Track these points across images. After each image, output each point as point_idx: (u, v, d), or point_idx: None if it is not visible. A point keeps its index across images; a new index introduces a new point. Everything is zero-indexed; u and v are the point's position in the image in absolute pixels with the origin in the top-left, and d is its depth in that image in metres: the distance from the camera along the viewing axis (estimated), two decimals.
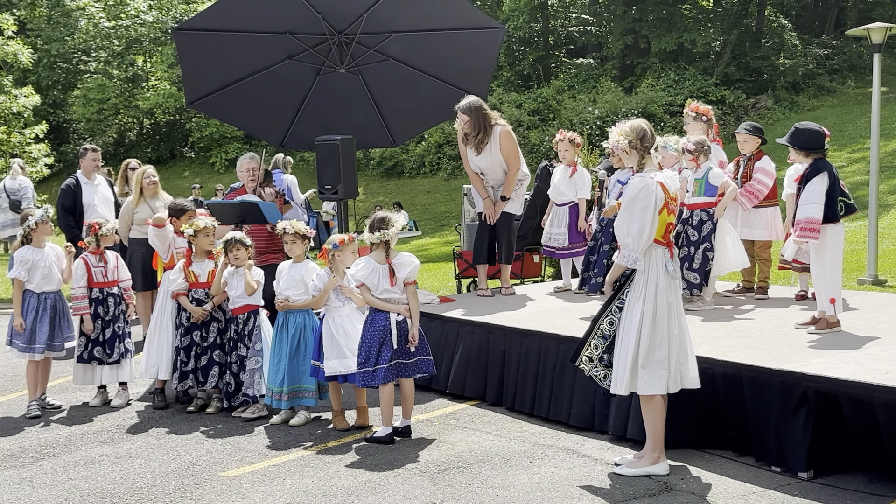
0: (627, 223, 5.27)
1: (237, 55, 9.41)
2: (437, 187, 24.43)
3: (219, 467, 5.87)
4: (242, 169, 9.12)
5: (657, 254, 5.32)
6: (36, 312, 7.24)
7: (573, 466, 5.62)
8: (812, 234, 6.41)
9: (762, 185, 7.88)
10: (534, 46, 29.33)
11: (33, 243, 7.31)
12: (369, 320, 6.24)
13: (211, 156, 29.97)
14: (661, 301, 5.28)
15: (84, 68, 33.33)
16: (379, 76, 9.94)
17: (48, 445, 6.49)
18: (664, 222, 5.30)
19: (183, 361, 7.23)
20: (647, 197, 5.23)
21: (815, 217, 6.40)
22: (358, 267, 6.24)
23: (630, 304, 5.33)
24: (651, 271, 5.30)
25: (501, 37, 9.54)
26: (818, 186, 6.44)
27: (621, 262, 5.34)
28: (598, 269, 7.38)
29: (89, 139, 32.65)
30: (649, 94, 23.54)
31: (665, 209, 5.29)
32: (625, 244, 5.30)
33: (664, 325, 5.27)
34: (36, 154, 24.52)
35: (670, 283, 5.34)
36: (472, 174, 8.44)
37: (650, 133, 5.39)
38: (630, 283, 5.35)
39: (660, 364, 5.26)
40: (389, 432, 6.24)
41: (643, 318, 5.26)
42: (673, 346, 5.30)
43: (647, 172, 5.35)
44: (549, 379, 6.66)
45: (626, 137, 5.38)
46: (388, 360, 6.13)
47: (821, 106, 23.93)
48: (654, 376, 5.26)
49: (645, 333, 5.25)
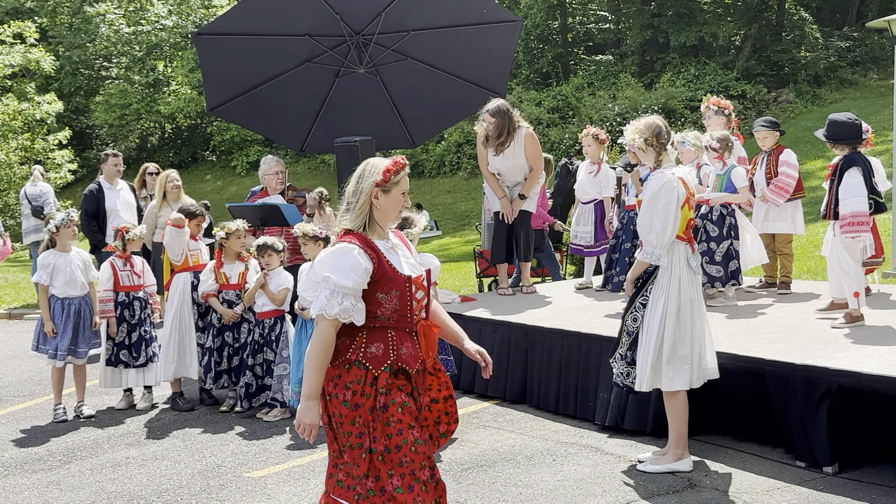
0: (650, 220, 5.25)
1: (256, 60, 9.46)
2: (457, 187, 24.44)
3: (244, 468, 5.91)
4: (270, 172, 9.14)
5: (679, 249, 5.30)
6: (61, 318, 7.29)
7: (596, 464, 5.61)
8: (862, 227, 6.33)
9: (790, 178, 7.82)
10: (552, 44, 29.25)
11: (57, 247, 7.36)
12: None
13: (232, 159, 30.08)
14: (684, 297, 5.26)
15: (105, 74, 33.55)
16: (397, 76, 9.96)
17: (75, 448, 6.56)
18: (685, 218, 5.28)
19: (216, 362, 7.29)
20: (668, 193, 5.21)
21: (862, 210, 6.31)
22: None
23: (654, 300, 5.31)
24: (674, 267, 5.29)
25: (519, 30, 9.50)
26: (856, 179, 6.35)
27: (644, 259, 5.32)
28: (621, 268, 7.35)
29: (112, 144, 32.86)
30: (669, 90, 23.39)
31: (686, 204, 5.27)
32: (647, 241, 5.28)
33: (688, 321, 5.26)
34: (59, 160, 24.70)
35: (692, 278, 5.32)
36: (488, 175, 8.43)
37: (665, 129, 5.37)
38: (653, 280, 5.33)
39: (683, 360, 5.25)
40: None
41: (666, 315, 5.25)
42: (696, 341, 5.29)
43: (667, 168, 5.33)
44: (574, 377, 6.66)
45: (641, 135, 5.37)
46: None
47: (843, 98, 23.72)
48: (677, 372, 5.25)
49: (669, 329, 5.24)
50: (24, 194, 13.44)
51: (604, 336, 6.54)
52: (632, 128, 5.44)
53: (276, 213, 8.45)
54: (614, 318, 7.22)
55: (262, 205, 8.66)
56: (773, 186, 7.81)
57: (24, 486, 5.80)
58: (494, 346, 7.30)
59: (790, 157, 7.90)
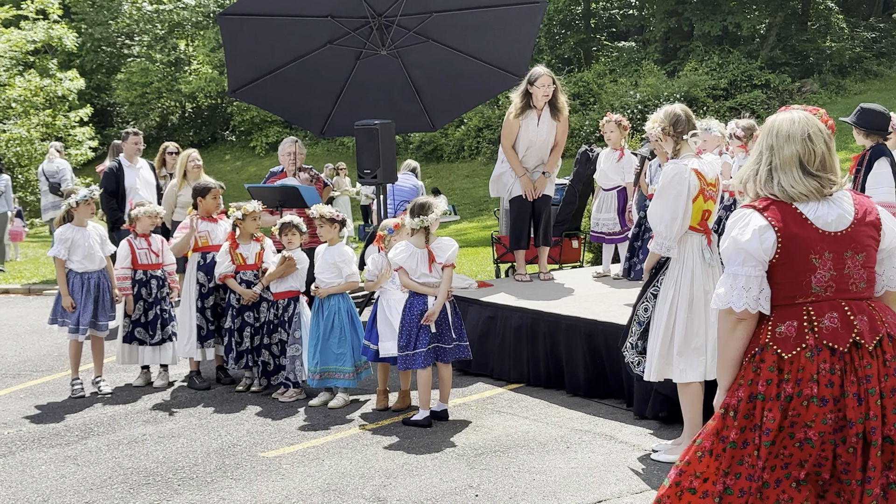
0: (660, 211, 5.22)
1: (279, 41, 9.45)
2: (476, 171, 24.39)
3: (259, 448, 5.95)
4: (283, 153, 9.18)
5: (693, 241, 5.27)
6: (82, 293, 7.33)
7: (610, 452, 5.61)
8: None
9: None
10: (574, 29, 29.12)
11: (74, 222, 7.37)
12: (408, 304, 6.28)
13: (252, 139, 30.17)
14: (697, 288, 5.23)
15: (127, 52, 33.67)
16: (418, 59, 9.92)
17: (92, 424, 6.61)
18: (699, 209, 5.23)
19: (237, 342, 7.32)
20: (679, 184, 5.17)
21: (890, 200, 6.22)
22: (398, 250, 6.29)
23: (664, 291, 5.29)
24: (686, 259, 5.25)
25: (543, 12, 9.42)
26: (885, 169, 6.29)
27: (655, 250, 5.30)
28: (644, 256, 7.28)
29: (132, 122, 32.99)
30: (692, 78, 23.25)
31: (700, 196, 5.22)
32: (657, 232, 5.25)
33: (701, 313, 5.23)
34: (80, 137, 24.83)
35: (707, 270, 5.28)
36: (511, 153, 8.34)
37: (685, 118, 5.30)
38: (665, 271, 5.31)
39: (697, 351, 5.23)
40: (427, 416, 6.28)
41: (677, 306, 5.22)
42: (711, 333, 5.25)
43: (683, 159, 5.28)
44: (589, 364, 6.65)
45: (659, 124, 5.32)
46: (426, 343, 6.17)
47: (868, 90, 23.53)
48: (690, 364, 5.23)
49: (680, 321, 5.21)
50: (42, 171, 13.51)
51: (621, 325, 6.52)
52: (653, 117, 5.41)
53: (294, 195, 8.46)
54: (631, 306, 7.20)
55: (281, 186, 8.68)
56: None
57: (40, 460, 5.86)
58: (511, 331, 7.29)
59: None
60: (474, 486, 5.14)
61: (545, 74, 8.09)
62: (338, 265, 6.86)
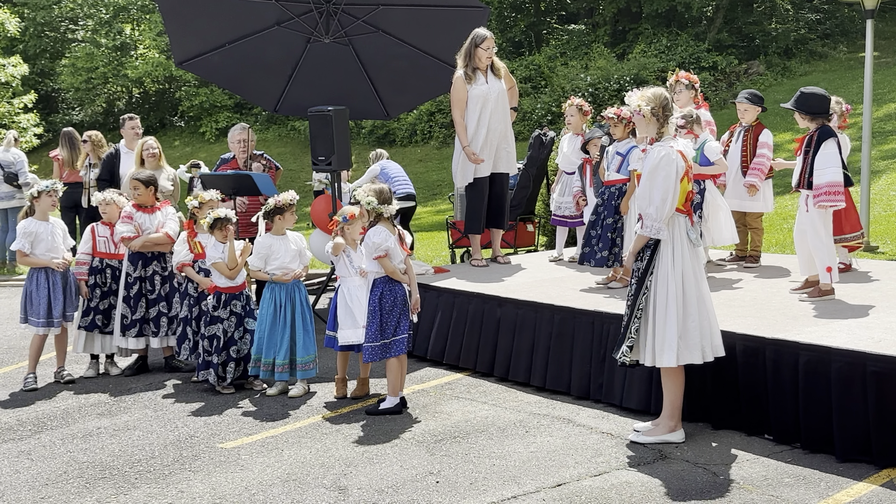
0: (650, 193, 5.23)
1: (225, 18, 9.35)
2: (429, 156, 24.35)
3: (217, 439, 5.91)
4: (233, 140, 9.10)
5: (679, 223, 5.30)
6: (48, 287, 7.26)
7: (569, 435, 5.67)
8: (837, 197, 6.37)
9: (767, 160, 7.90)
10: (525, 13, 29.10)
11: (37, 215, 7.33)
12: (387, 292, 6.19)
13: (201, 125, 29.71)
14: (687, 269, 5.27)
15: (72, 37, 32.96)
16: (370, 48, 9.90)
17: (46, 418, 6.52)
18: (684, 190, 5.27)
19: (194, 332, 7.24)
20: (668, 166, 5.20)
21: (837, 180, 6.36)
22: (382, 236, 6.15)
23: (661, 275, 5.28)
24: (676, 240, 5.29)
25: (486, 17, 9.55)
26: (832, 150, 6.41)
27: (644, 233, 5.29)
28: (603, 244, 7.29)
29: (78, 108, 32.38)
30: (641, 61, 23.37)
31: (685, 177, 5.27)
32: (647, 214, 5.25)
33: (693, 294, 5.27)
34: (25, 124, 24.31)
35: (693, 250, 5.33)
36: (460, 121, 8.34)
37: (671, 102, 5.35)
38: (657, 256, 5.33)
39: (693, 333, 5.26)
40: (398, 402, 6.27)
41: (674, 290, 5.23)
42: (703, 314, 5.29)
43: (666, 141, 5.32)
44: (545, 348, 6.70)
45: (648, 103, 5.29)
46: (405, 330, 6.17)
47: (813, 71, 23.85)
48: (688, 346, 5.27)
49: (678, 304, 5.23)
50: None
51: (577, 308, 6.58)
52: (638, 95, 5.36)
53: (248, 183, 8.39)
54: (588, 291, 7.27)
55: (235, 174, 8.60)
56: (753, 167, 7.86)
57: None
58: (468, 317, 7.32)
59: (769, 139, 7.98)
60: (435, 472, 5.17)
61: (489, 37, 8.27)
62: (301, 251, 6.89)
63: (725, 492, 4.72)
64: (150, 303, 7.48)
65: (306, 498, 4.89)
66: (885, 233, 10.68)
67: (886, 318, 5.78)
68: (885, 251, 9.93)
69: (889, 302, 6.27)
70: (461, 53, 8.34)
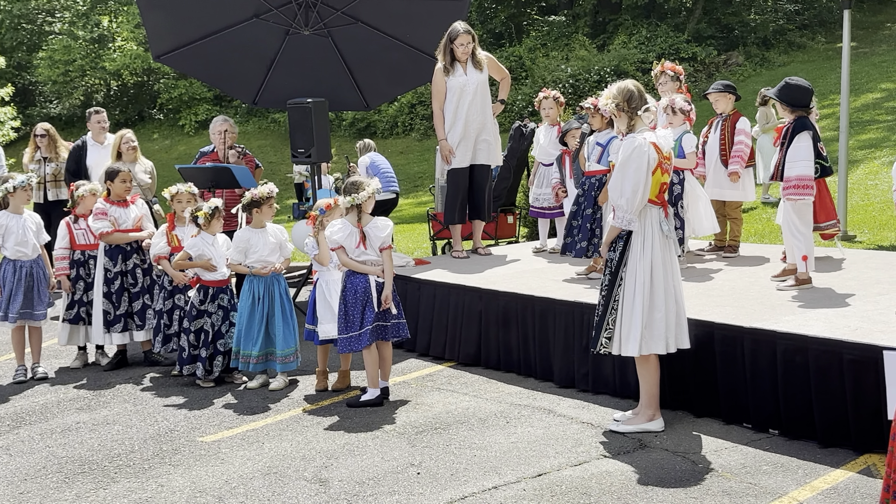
0: (620, 184, 5.25)
1: (203, 11, 9.31)
2: (410, 148, 24.32)
3: (197, 433, 5.89)
4: (214, 131, 9.05)
5: (652, 214, 5.32)
6: (12, 280, 7.22)
7: (549, 426, 5.68)
8: (807, 191, 6.42)
9: (746, 147, 7.94)
10: (505, 4, 29.07)
11: (10, 208, 7.29)
12: (349, 284, 6.23)
13: (180, 118, 29.54)
14: (657, 260, 5.29)
15: (49, 29, 32.68)
16: (350, 40, 9.87)
17: (24, 413, 6.48)
18: (658, 182, 5.29)
19: (166, 325, 7.22)
20: (639, 158, 5.22)
21: (808, 174, 6.40)
22: (335, 229, 6.22)
23: (631, 266, 5.31)
24: (647, 232, 5.31)
25: (466, 9, 9.55)
26: (805, 143, 6.45)
27: (616, 224, 5.31)
28: (583, 234, 7.30)
29: (56, 101, 32.12)
30: (622, 52, 23.41)
31: (658, 169, 5.28)
32: (618, 206, 5.28)
33: (661, 285, 5.29)
34: (2, 118, 24.12)
35: (665, 242, 5.35)
36: (438, 114, 8.35)
37: (637, 94, 5.34)
38: (629, 248, 5.35)
39: (658, 324, 5.30)
40: (378, 394, 6.27)
41: (643, 280, 5.26)
42: (670, 305, 5.32)
43: (639, 133, 5.33)
44: (527, 339, 6.71)
45: (613, 100, 5.35)
46: (371, 322, 6.15)
47: (791, 62, 23.95)
48: (653, 335, 5.30)
49: (646, 294, 5.26)
50: None
51: (558, 299, 6.60)
52: (606, 93, 5.42)
53: (227, 175, 8.35)
54: (569, 282, 7.28)
55: (213, 166, 8.56)
56: (733, 155, 7.88)
57: None
58: (449, 309, 7.32)
59: (746, 126, 8.01)
60: (416, 463, 5.17)
61: (464, 32, 8.23)
62: (282, 244, 6.87)
63: (704, 480, 4.75)
64: (133, 296, 7.45)
65: (287, 491, 4.89)
66: (863, 222, 10.76)
67: (863, 306, 5.83)
68: (863, 240, 10.00)
69: (866, 291, 6.31)
70: (439, 48, 8.33)
